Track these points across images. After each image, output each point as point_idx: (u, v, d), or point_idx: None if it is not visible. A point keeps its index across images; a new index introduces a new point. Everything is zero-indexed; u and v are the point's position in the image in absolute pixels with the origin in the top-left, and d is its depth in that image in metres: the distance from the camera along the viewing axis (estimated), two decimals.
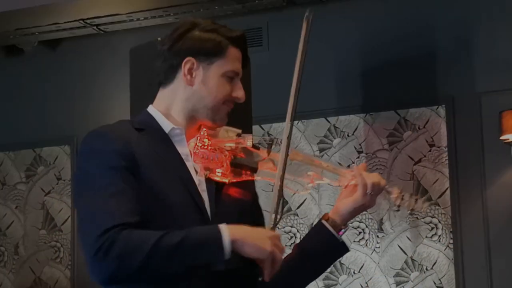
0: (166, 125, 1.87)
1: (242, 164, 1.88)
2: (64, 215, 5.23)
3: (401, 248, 4.48)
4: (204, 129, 1.90)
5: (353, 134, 4.68)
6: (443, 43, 4.58)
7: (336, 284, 4.59)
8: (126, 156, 1.74)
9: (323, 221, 1.95)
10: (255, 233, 1.72)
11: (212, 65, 1.87)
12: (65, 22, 4.92)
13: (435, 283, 4.39)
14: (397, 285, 4.47)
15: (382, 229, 4.54)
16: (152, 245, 1.62)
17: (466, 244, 4.35)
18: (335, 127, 4.73)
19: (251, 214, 1.90)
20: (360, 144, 4.65)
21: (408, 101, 4.58)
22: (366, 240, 4.56)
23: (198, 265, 1.67)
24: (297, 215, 4.72)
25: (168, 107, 1.90)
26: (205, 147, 1.87)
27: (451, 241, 4.38)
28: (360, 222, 4.58)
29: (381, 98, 4.65)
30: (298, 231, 4.67)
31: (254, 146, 1.92)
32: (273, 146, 1.94)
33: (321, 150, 4.72)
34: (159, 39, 2.78)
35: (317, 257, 1.96)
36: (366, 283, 4.53)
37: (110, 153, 1.74)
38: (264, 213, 1.98)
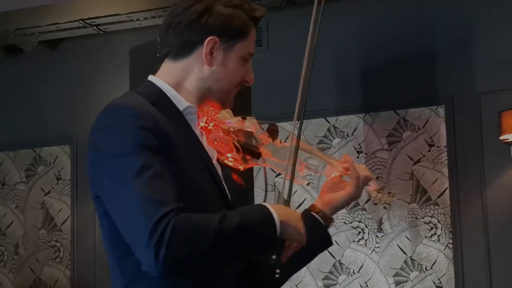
0: (181, 103, 1.73)
1: (247, 148, 1.79)
2: (64, 215, 5.23)
3: (400, 248, 4.49)
4: (212, 109, 1.79)
5: (352, 134, 4.68)
6: (443, 43, 4.58)
7: (335, 284, 4.59)
8: (157, 134, 1.57)
9: (314, 214, 1.86)
10: (293, 215, 1.64)
11: (234, 47, 1.77)
12: (65, 22, 4.92)
13: (434, 283, 4.40)
14: (396, 285, 4.47)
15: (381, 229, 4.54)
16: (216, 230, 1.49)
17: (466, 244, 4.35)
18: (335, 127, 4.73)
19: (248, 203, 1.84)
20: (359, 144, 4.66)
21: (407, 101, 4.58)
22: (366, 240, 4.56)
23: (253, 249, 1.59)
24: None
25: (179, 83, 1.75)
26: (212, 128, 1.77)
27: (451, 241, 4.38)
28: (359, 222, 4.58)
29: (381, 98, 4.66)
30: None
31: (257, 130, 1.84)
32: (274, 132, 1.87)
33: (320, 150, 4.72)
34: (158, 39, 2.79)
35: (308, 249, 1.79)
36: (366, 283, 4.54)
37: (141, 130, 1.55)
38: None
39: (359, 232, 4.58)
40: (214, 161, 1.74)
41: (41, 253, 5.28)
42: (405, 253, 4.48)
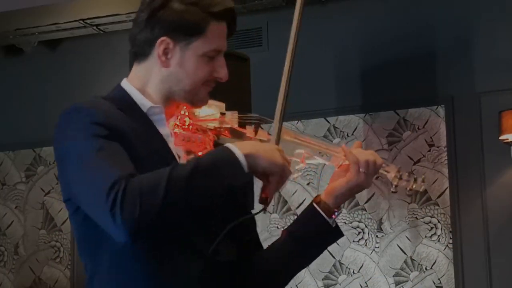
0: (144, 103, 1.71)
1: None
2: (64, 215, 5.23)
3: (400, 248, 4.49)
4: (185, 107, 1.75)
5: (352, 134, 4.68)
6: (443, 43, 4.58)
7: (335, 284, 4.59)
8: (111, 129, 1.58)
9: (315, 204, 1.79)
10: (262, 146, 1.60)
11: (191, 45, 1.69)
12: (65, 22, 4.92)
13: (434, 283, 4.40)
14: (396, 285, 4.47)
15: (381, 229, 4.54)
16: (167, 179, 1.47)
17: (466, 244, 4.35)
18: (335, 127, 4.73)
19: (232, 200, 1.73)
20: None
21: (407, 101, 4.58)
22: (366, 240, 4.56)
23: (219, 190, 1.53)
24: (297, 215, 4.72)
25: (143, 86, 1.73)
26: (186, 127, 1.72)
27: (451, 241, 4.38)
28: (359, 222, 4.58)
29: (381, 98, 4.66)
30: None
31: (240, 124, 1.76)
32: (260, 124, 1.78)
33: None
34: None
35: (309, 242, 1.79)
36: (366, 283, 4.54)
37: (94, 124, 1.58)
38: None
39: (359, 232, 4.58)
40: (182, 160, 1.69)
41: (41, 253, 5.28)
42: (405, 253, 4.48)
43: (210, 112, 1.76)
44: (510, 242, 4.28)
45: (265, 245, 1.87)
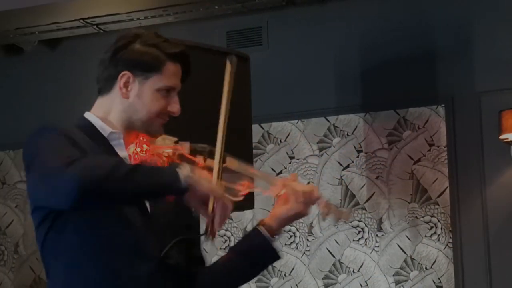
0: (105, 129, 1.92)
1: None
2: None
3: (400, 247, 4.49)
4: (143, 135, 1.95)
5: (352, 134, 4.68)
6: (443, 42, 4.58)
7: (335, 283, 4.60)
8: (73, 144, 1.77)
9: (259, 227, 1.99)
10: (206, 176, 1.77)
11: (148, 80, 1.91)
12: (65, 22, 4.92)
13: (434, 282, 4.40)
14: (396, 284, 4.47)
15: (381, 228, 4.54)
16: (112, 164, 1.68)
17: (466, 243, 4.36)
18: (335, 126, 4.73)
19: (187, 217, 1.95)
20: (359, 144, 4.66)
21: (407, 101, 4.58)
22: (366, 239, 4.57)
23: (152, 188, 1.72)
24: None
25: (106, 115, 1.94)
26: (144, 152, 1.93)
27: (451, 240, 4.38)
28: (359, 221, 4.59)
29: (381, 98, 4.66)
30: (297, 230, 4.68)
31: (191, 153, 1.95)
32: (209, 154, 1.95)
33: (320, 149, 4.72)
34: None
35: (250, 261, 2.00)
36: (366, 282, 4.54)
37: (57, 137, 1.77)
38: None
39: (359, 231, 4.59)
40: None
41: None
42: (405, 253, 4.48)
43: (164, 142, 1.96)
44: (510, 242, 4.28)
45: None
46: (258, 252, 1.99)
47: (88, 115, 1.97)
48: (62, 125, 1.87)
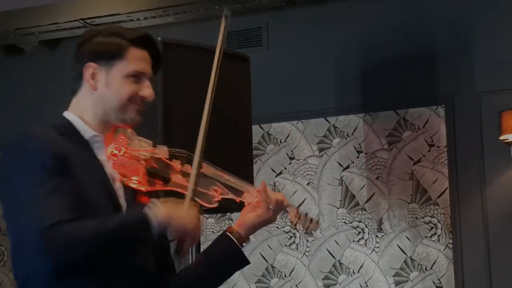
0: (87, 132, 1.92)
1: (156, 173, 1.95)
2: None
3: (400, 248, 4.49)
4: (122, 137, 1.95)
5: (352, 134, 4.68)
6: (443, 43, 4.58)
7: (335, 284, 4.59)
8: (56, 156, 1.78)
9: (228, 233, 2.02)
10: (178, 212, 1.78)
11: (113, 68, 1.91)
12: (65, 22, 4.92)
13: (434, 283, 4.40)
14: (396, 285, 4.47)
15: (381, 229, 4.54)
16: (90, 236, 1.69)
17: (466, 243, 4.36)
18: (335, 127, 4.73)
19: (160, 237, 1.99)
20: (359, 144, 4.66)
21: (407, 101, 4.58)
22: (366, 240, 4.57)
23: (132, 247, 1.76)
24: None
25: (82, 114, 1.95)
26: (122, 154, 1.93)
27: (451, 241, 4.38)
28: (359, 222, 4.59)
29: (381, 98, 4.66)
30: (297, 231, 4.68)
31: (168, 157, 1.97)
32: (186, 159, 1.98)
33: (320, 150, 4.72)
34: (159, 39, 2.79)
35: (220, 266, 2.03)
36: (366, 282, 4.54)
37: (41, 153, 1.77)
38: None
39: (359, 232, 4.59)
40: (117, 183, 1.91)
41: None
42: (405, 253, 4.48)
43: (141, 144, 1.98)
44: (510, 242, 4.28)
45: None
46: (228, 259, 2.02)
47: (67, 114, 1.98)
48: (41, 129, 1.88)
